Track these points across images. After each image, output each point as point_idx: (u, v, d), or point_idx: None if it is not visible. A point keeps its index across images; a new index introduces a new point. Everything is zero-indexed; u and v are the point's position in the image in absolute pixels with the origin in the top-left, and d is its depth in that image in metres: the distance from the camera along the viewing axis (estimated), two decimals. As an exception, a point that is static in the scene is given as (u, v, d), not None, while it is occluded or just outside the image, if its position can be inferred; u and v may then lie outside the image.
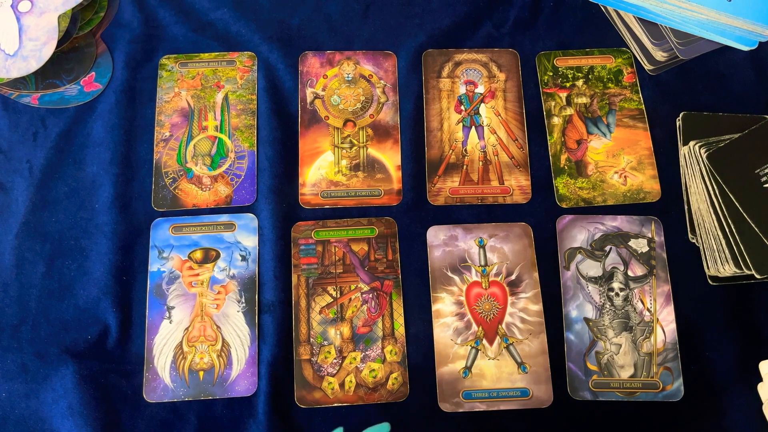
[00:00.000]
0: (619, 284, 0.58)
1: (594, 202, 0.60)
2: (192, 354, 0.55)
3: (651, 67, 0.65)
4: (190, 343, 0.55)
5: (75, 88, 0.63)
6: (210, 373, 0.55)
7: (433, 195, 0.61)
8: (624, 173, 0.62)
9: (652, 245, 0.59)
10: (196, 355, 0.55)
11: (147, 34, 0.65)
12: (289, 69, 0.64)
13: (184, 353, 0.55)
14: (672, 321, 0.57)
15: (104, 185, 0.59)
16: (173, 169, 0.60)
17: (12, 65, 0.60)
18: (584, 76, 0.65)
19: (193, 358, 0.55)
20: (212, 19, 0.66)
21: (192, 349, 0.55)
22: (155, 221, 0.59)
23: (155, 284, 0.57)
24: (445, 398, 0.55)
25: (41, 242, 0.58)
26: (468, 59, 0.65)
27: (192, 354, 0.55)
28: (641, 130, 0.63)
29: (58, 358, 0.54)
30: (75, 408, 0.53)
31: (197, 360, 0.55)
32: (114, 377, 0.54)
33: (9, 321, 0.56)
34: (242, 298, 0.57)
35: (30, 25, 0.60)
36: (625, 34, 0.66)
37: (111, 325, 0.56)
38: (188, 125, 0.62)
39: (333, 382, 0.55)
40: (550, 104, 0.64)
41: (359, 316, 0.57)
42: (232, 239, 0.58)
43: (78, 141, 0.61)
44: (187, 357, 0.55)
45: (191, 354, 0.55)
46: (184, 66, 0.64)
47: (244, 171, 0.61)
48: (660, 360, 0.56)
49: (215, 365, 0.55)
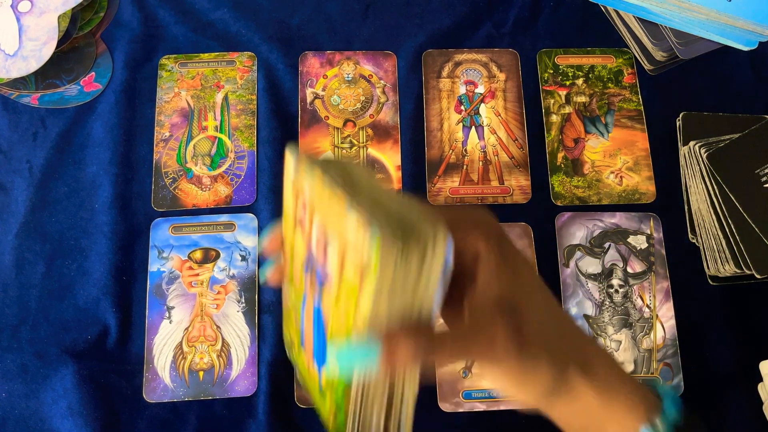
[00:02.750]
0: (619, 281, 0.58)
1: (589, 201, 0.61)
2: (192, 354, 0.55)
3: (651, 67, 0.65)
4: (190, 343, 0.55)
5: (75, 88, 0.63)
6: (210, 373, 0.55)
7: (433, 195, 0.61)
8: (620, 173, 0.62)
9: (650, 242, 0.59)
10: (195, 355, 0.55)
11: (147, 34, 0.65)
12: (289, 69, 0.64)
13: (184, 353, 0.55)
14: (671, 317, 0.57)
15: (104, 185, 0.59)
16: (173, 169, 0.60)
17: (12, 65, 0.60)
18: (584, 75, 0.65)
19: (193, 358, 0.55)
20: (212, 19, 0.66)
21: (192, 349, 0.55)
22: (155, 221, 0.59)
23: (155, 284, 0.57)
24: (445, 398, 0.55)
25: (41, 242, 0.58)
26: (468, 59, 0.65)
27: (192, 354, 0.55)
28: (639, 131, 0.63)
29: (57, 358, 0.54)
30: (75, 408, 0.52)
31: (197, 360, 0.55)
32: (114, 377, 0.54)
33: (9, 321, 0.56)
34: (242, 298, 0.57)
35: (30, 25, 0.60)
36: (625, 34, 0.66)
37: (111, 325, 0.55)
38: (188, 125, 0.62)
39: (333, 382, 0.55)
40: (549, 102, 0.64)
41: (359, 316, 0.56)
42: (232, 239, 0.58)
43: (78, 141, 0.61)
44: (187, 357, 0.55)
45: (191, 354, 0.55)
46: (183, 66, 0.64)
47: (243, 171, 0.61)
48: (660, 356, 0.56)
49: (215, 365, 0.55)
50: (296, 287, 0.35)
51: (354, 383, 0.29)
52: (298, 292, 0.35)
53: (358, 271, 0.28)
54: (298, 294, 0.35)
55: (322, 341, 0.32)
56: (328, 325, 0.32)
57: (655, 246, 0.59)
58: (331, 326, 0.31)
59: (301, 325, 0.35)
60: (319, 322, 0.33)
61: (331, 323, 0.31)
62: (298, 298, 0.35)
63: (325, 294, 0.31)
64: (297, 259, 0.34)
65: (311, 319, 0.34)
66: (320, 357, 0.33)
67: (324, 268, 0.31)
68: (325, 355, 0.32)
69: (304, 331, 0.35)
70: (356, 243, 0.27)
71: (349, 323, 0.29)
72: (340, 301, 0.30)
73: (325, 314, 0.32)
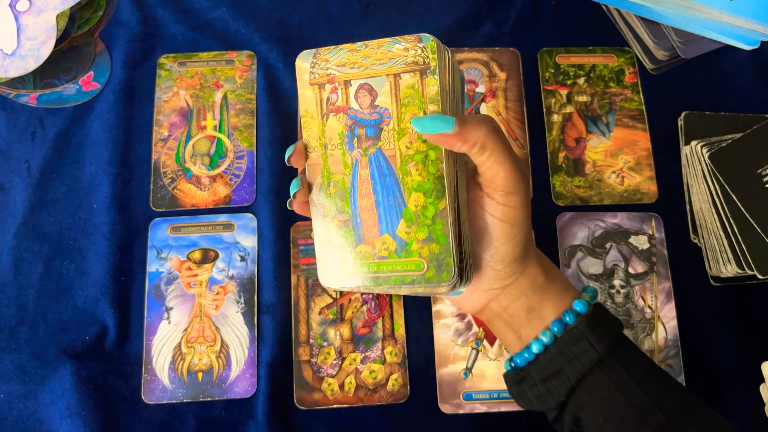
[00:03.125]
0: (620, 281, 0.58)
1: (590, 201, 0.60)
2: (191, 355, 0.55)
3: (652, 66, 0.64)
4: (188, 344, 0.55)
5: (73, 88, 0.62)
6: (209, 374, 0.54)
7: (433, 195, 0.60)
8: (621, 173, 0.61)
9: (652, 242, 0.59)
10: (194, 356, 0.55)
11: (145, 33, 0.64)
12: (289, 68, 0.64)
13: (183, 354, 0.55)
14: (673, 318, 0.57)
15: (102, 185, 0.59)
16: (172, 168, 0.60)
17: (10, 64, 0.59)
18: (586, 75, 0.64)
19: (192, 359, 0.55)
20: (211, 18, 0.65)
21: (191, 350, 0.55)
22: (154, 221, 0.58)
23: (154, 285, 0.57)
24: (446, 399, 0.55)
25: (39, 242, 0.57)
26: (469, 58, 0.65)
27: (191, 355, 0.55)
28: (640, 131, 0.63)
29: (56, 358, 0.54)
30: (73, 409, 0.52)
31: (196, 361, 0.55)
32: (112, 378, 0.54)
33: (7, 322, 0.55)
34: (241, 299, 0.56)
35: (28, 24, 0.60)
36: (626, 33, 0.66)
37: (109, 326, 0.55)
38: (187, 125, 0.62)
39: (333, 383, 0.55)
40: (550, 101, 0.64)
41: (359, 317, 0.56)
42: (231, 239, 0.58)
43: (76, 141, 0.61)
44: (186, 358, 0.55)
45: (190, 355, 0.55)
46: (182, 65, 0.64)
47: (243, 171, 0.60)
48: (661, 357, 0.56)
49: (214, 366, 0.55)
50: (342, 177, 0.39)
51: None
52: (345, 174, 0.39)
53: (416, 75, 0.37)
54: (347, 169, 0.39)
55: (390, 184, 0.38)
56: (396, 155, 0.38)
57: (656, 246, 0.59)
58: (399, 151, 0.38)
59: (355, 213, 0.39)
60: (382, 165, 0.39)
61: (399, 149, 0.38)
62: (345, 186, 0.39)
63: (384, 132, 0.38)
64: (334, 143, 0.39)
65: (368, 181, 0.39)
66: (389, 219, 0.38)
67: (377, 113, 0.38)
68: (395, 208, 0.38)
69: (360, 214, 0.39)
70: (410, 58, 0.37)
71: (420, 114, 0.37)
72: (403, 119, 0.38)
73: (388, 150, 0.38)
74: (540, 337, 0.41)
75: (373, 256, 0.38)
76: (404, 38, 0.38)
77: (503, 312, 0.42)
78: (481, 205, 0.40)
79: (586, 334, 0.39)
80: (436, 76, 0.37)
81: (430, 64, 0.37)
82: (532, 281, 0.41)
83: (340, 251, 0.39)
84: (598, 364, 0.39)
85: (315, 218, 0.40)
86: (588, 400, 0.39)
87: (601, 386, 0.39)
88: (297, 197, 0.41)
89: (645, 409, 0.38)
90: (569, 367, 0.39)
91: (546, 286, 0.41)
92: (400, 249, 0.38)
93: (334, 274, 0.39)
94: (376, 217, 0.39)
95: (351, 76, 0.39)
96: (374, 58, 0.38)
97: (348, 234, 0.39)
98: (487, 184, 0.39)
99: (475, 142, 0.37)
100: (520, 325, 0.42)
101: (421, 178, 0.38)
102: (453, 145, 0.37)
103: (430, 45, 0.37)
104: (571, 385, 0.40)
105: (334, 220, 0.39)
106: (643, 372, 0.40)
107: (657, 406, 0.38)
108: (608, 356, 0.39)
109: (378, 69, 0.38)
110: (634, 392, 0.39)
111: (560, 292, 0.42)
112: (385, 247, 0.38)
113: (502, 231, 0.39)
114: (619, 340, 0.41)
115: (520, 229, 0.40)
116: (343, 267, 0.39)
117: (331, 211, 0.39)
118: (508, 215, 0.39)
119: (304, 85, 0.40)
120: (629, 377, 0.39)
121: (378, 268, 0.38)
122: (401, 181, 0.38)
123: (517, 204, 0.39)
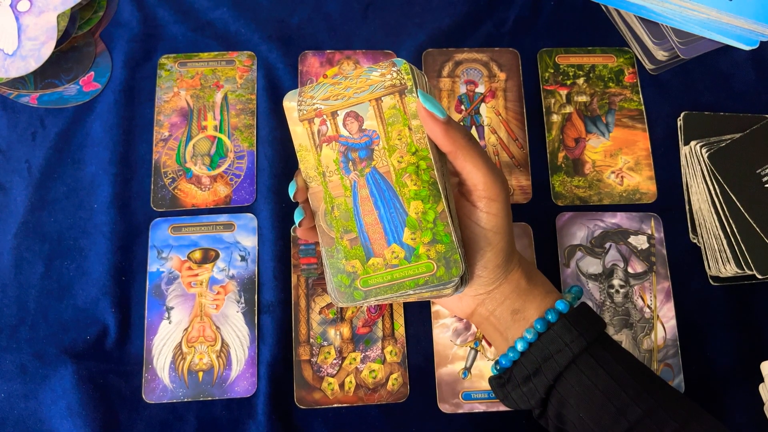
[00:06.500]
0: (620, 281, 0.58)
1: (590, 201, 0.60)
2: (191, 354, 0.55)
3: (652, 67, 0.64)
4: (189, 343, 0.55)
5: (74, 88, 0.62)
6: (209, 373, 0.55)
7: (433, 195, 0.61)
8: (621, 173, 0.61)
9: (651, 242, 0.59)
10: (195, 356, 0.55)
11: (146, 34, 0.64)
12: (289, 68, 0.64)
13: (184, 354, 0.55)
14: (672, 318, 0.57)
15: (103, 185, 0.59)
16: (172, 168, 0.60)
17: (11, 65, 0.60)
18: (585, 75, 0.64)
19: (193, 358, 0.55)
20: (211, 18, 0.65)
21: (191, 349, 0.55)
22: (154, 221, 0.59)
23: (154, 284, 0.57)
24: (445, 399, 0.55)
25: (40, 242, 0.58)
26: (468, 59, 0.65)
27: (191, 354, 0.55)
28: (640, 131, 0.63)
29: (56, 358, 0.54)
30: (74, 408, 0.52)
31: (196, 360, 0.55)
32: (113, 378, 0.54)
33: (7, 321, 0.55)
34: (242, 299, 0.56)
35: (29, 25, 0.60)
36: (626, 33, 0.66)
37: (110, 326, 0.55)
38: (187, 125, 0.62)
39: (333, 382, 0.55)
40: (549, 101, 0.64)
41: (359, 317, 0.56)
42: (232, 239, 0.58)
43: (77, 141, 0.61)
44: (187, 358, 0.55)
45: (190, 355, 0.55)
46: (183, 65, 0.64)
47: (243, 171, 0.60)
48: (660, 356, 0.56)
49: (214, 366, 0.55)
50: (343, 199, 0.42)
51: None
52: (346, 196, 0.42)
53: (395, 97, 0.41)
54: (347, 191, 0.42)
55: (389, 197, 0.41)
56: (390, 170, 0.41)
57: (656, 246, 0.59)
58: (392, 166, 0.41)
59: (362, 230, 0.41)
60: (379, 182, 0.41)
61: (392, 164, 0.41)
62: (348, 207, 0.41)
63: (375, 152, 0.41)
64: (331, 170, 0.42)
65: (369, 198, 0.41)
66: (393, 230, 0.41)
67: (366, 135, 0.41)
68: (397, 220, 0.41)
69: (366, 230, 0.41)
70: (387, 82, 0.41)
71: (405, 133, 0.41)
72: (391, 137, 0.41)
73: (382, 168, 0.41)
74: (524, 335, 0.42)
75: (385, 266, 0.40)
76: (379, 65, 0.41)
77: (490, 315, 0.44)
78: (466, 214, 0.42)
79: (562, 333, 0.41)
80: (414, 94, 0.41)
81: (407, 84, 0.41)
82: (515, 285, 0.43)
83: (354, 269, 0.41)
84: (574, 362, 0.41)
85: (324, 243, 0.42)
86: (568, 397, 0.41)
87: (578, 383, 0.41)
88: (302, 225, 0.43)
89: (622, 404, 0.39)
90: (546, 365, 0.41)
91: (529, 289, 0.44)
92: (409, 255, 0.40)
93: (350, 293, 0.41)
94: (382, 230, 0.41)
95: (336, 106, 0.42)
96: (355, 88, 0.41)
97: (358, 250, 0.41)
98: (470, 191, 0.41)
99: (455, 139, 0.40)
100: (506, 327, 0.44)
101: (417, 187, 0.40)
102: (438, 135, 0.40)
103: (404, 68, 0.41)
104: (549, 383, 0.41)
105: (343, 241, 0.41)
106: (622, 369, 0.41)
107: (634, 401, 0.39)
108: (584, 354, 0.41)
109: (360, 96, 0.41)
110: (610, 388, 0.40)
111: (543, 295, 0.44)
112: (395, 255, 0.40)
113: (485, 239, 0.42)
114: (600, 338, 0.42)
115: (502, 237, 0.42)
116: (359, 283, 0.41)
117: (339, 232, 0.41)
118: (490, 223, 0.41)
119: (294, 123, 0.43)
120: (606, 374, 0.40)
121: (392, 276, 0.40)
122: (399, 193, 0.41)
123: (499, 211, 0.41)
